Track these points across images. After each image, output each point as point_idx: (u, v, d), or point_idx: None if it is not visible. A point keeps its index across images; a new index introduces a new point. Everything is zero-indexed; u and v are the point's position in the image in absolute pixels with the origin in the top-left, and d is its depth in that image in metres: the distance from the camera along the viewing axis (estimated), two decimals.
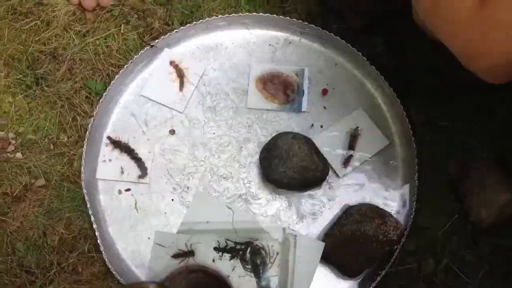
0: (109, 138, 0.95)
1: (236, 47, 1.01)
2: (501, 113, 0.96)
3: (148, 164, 0.95)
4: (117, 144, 0.95)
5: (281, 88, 0.98)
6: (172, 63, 0.99)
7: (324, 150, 0.95)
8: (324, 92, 0.99)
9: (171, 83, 0.99)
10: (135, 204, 0.93)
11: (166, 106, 0.98)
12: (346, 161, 0.95)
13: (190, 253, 0.90)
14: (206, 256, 0.90)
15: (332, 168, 0.95)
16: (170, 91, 0.98)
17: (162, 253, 0.90)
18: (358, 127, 0.96)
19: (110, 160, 0.95)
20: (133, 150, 0.95)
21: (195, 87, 0.98)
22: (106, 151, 0.95)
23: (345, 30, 1.01)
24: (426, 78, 0.98)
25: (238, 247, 0.90)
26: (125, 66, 0.98)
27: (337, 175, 0.95)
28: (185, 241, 0.90)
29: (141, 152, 0.95)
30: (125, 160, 0.95)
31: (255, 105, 0.98)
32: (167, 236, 0.91)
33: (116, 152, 0.95)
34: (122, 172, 0.94)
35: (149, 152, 0.95)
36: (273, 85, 0.98)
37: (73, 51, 0.99)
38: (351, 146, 0.96)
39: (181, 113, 0.97)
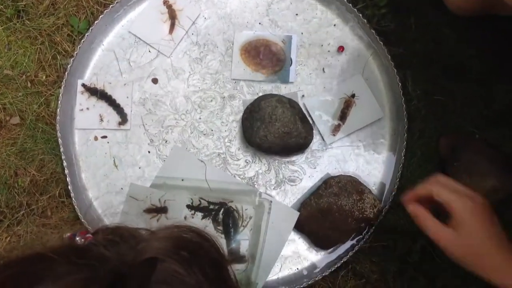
0: (83, 85, 0.91)
1: None
2: (501, 101, 0.90)
3: (127, 110, 0.91)
4: (93, 91, 0.91)
5: (267, 57, 0.92)
6: (165, 2, 0.93)
7: (315, 114, 0.91)
8: (340, 49, 0.93)
9: (162, 23, 0.93)
10: (110, 152, 0.90)
11: (153, 48, 0.92)
12: (336, 128, 0.91)
13: (163, 209, 0.88)
14: (178, 213, 0.88)
15: (320, 134, 0.91)
16: (159, 32, 0.93)
17: (135, 206, 0.88)
18: (354, 94, 0.91)
19: (87, 108, 0.91)
20: (110, 96, 0.91)
21: (186, 32, 0.93)
22: (82, 99, 0.91)
23: None
24: (429, 51, 0.92)
25: (211, 207, 0.88)
26: (111, 6, 0.92)
27: (324, 142, 0.91)
28: (159, 196, 0.88)
29: (118, 98, 0.91)
30: (102, 107, 0.91)
31: (239, 75, 0.92)
32: (141, 189, 0.88)
33: (93, 100, 0.91)
34: (102, 120, 0.91)
35: (127, 97, 0.91)
36: (258, 54, 0.92)
37: None
38: (344, 113, 0.91)
39: (167, 57, 0.92)
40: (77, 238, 0.47)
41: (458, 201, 0.68)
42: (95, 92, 0.91)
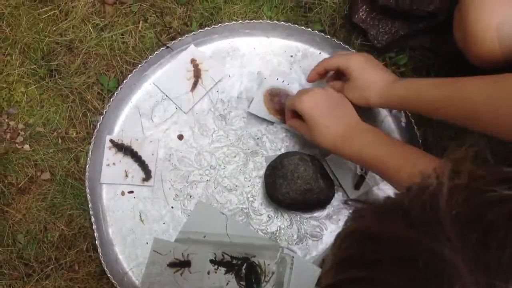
0: (111, 141, 0.94)
1: (253, 55, 0.98)
2: None
3: (151, 167, 0.94)
4: (120, 147, 0.94)
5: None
6: (193, 61, 0.97)
7: (337, 170, 0.93)
8: None
9: (186, 80, 0.97)
10: (137, 207, 0.93)
11: (171, 101, 0.96)
12: (359, 183, 0.93)
13: (186, 263, 0.89)
14: (202, 267, 0.89)
15: (342, 189, 0.93)
16: (181, 88, 0.96)
17: (159, 260, 0.90)
18: None
19: (114, 164, 0.94)
20: (136, 152, 0.94)
21: (206, 92, 0.96)
22: (109, 155, 0.94)
23: (367, 47, 0.96)
24: None
25: (234, 261, 0.90)
26: (139, 65, 0.96)
27: (348, 197, 0.93)
28: (182, 250, 0.90)
29: (144, 155, 0.94)
30: (128, 163, 0.94)
31: (257, 111, 0.95)
32: (165, 243, 0.91)
33: (120, 155, 0.94)
34: (126, 176, 0.93)
35: (152, 155, 0.94)
36: (280, 101, 0.95)
37: (89, 44, 0.98)
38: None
39: (184, 113, 0.96)
40: None
41: (350, 59, 0.83)
42: (121, 148, 0.94)
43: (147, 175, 0.94)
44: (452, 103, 0.71)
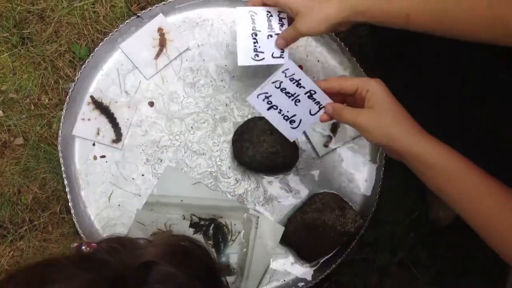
0: (92, 97, 0.98)
1: (222, 25, 1.02)
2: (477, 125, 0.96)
3: (123, 131, 0.97)
4: (98, 104, 0.98)
5: None
6: (159, 30, 1.00)
7: (308, 129, 0.98)
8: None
9: (151, 48, 1.00)
10: (109, 171, 0.96)
11: (135, 66, 0.99)
12: (328, 140, 0.98)
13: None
14: None
15: (313, 147, 0.98)
16: (145, 55, 0.99)
17: (141, 232, 0.93)
18: None
19: (89, 119, 0.97)
20: (112, 113, 0.98)
21: (169, 62, 0.99)
22: (86, 110, 0.97)
23: None
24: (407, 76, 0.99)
25: (202, 222, 0.94)
26: (110, 34, 0.99)
27: (317, 154, 0.98)
28: (164, 221, 0.93)
29: (120, 118, 0.97)
30: (103, 122, 0.97)
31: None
32: (147, 215, 0.94)
33: (96, 113, 0.97)
34: (98, 134, 0.97)
35: (127, 120, 0.97)
36: None
37: (60, 13, 1.00)
38: (335, 126, 0.98)
39: (146, 79, 0.99)
40: (83, 247, 0.53)
41: (370, 82, 0.71)
42: (99, 106, 0.97)
43: (118, 137, 0.97)
44: (426, 7, 0.69)
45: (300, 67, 1.00)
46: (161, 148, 0.98)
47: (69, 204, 0.93)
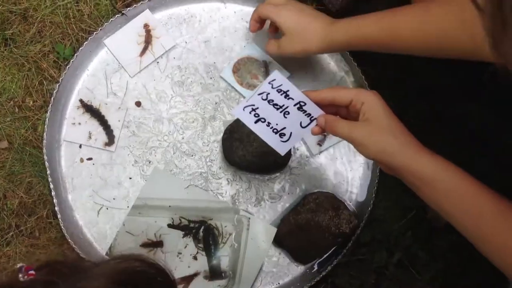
0: (81, 101, 0.95)
1: (210, 22, 0.98)
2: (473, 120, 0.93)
3: (116, 133, 0.95)
4: (88, 108, 0.95)
5: (249, 75, 0.97)
6: (145, 26, 0.97)
7: None
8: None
9: (136, 45, 0.97)
10: (96, 173, 0.94)
11: (119, 63, 0.96)
12: (322, 139, 0.94)
13: (159, 244, 0.91)
14: (174, 247, 0.91)
15: (306, 145, 0.95)
16: (130, 52, 0.96)
17: (130, 241, 0.91)
18: None
19: (79, 123, 0.95)
20: (103, 116, 0.95)
21: (154, 60, 0.96)
22: (76, 114, 0.95)
23: (322, 11, 0.97)
24: (401, 70, 0.96)
25: (191, 225, 0.91)
26: (95, 33, 0.96)
27: (311, 153, 0.95)
28: (155, 231, 0.91)
29: (111, 120, 0.95)
30: (94, 125, 0.95)
31: (227, 78, 0.96)
32: (138, 223, 0.91)
33: (86, 116, 0.95)
34: (90, 137, 0.94)
35: (119, 121, 0.95)
36: (243, 70, 0.96)
37: (43, 12, 0.97)
38: None
39: (130, 77, 0.96)
40: (20, 275, 0.47)
41: (366, 94, 0.69)
42: (89, 109, 0.95)
43: (110, 140, 0.94)
44: (389, 35, 0.73)
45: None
46: (149, 149, 0.95)
47: (56, 208, 0.91)
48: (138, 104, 0.96)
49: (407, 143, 0.66)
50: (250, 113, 0.74)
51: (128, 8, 0.97)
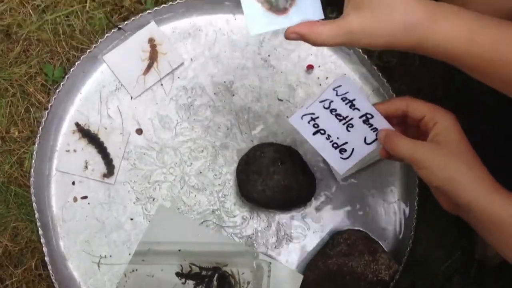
0: (77, 124, 0.83)
1: (218, 35, 0.86)
2: None
3: (116, 162, 0.83)
4: (85, 133, 0.83)
5: None
6: (151, 40, 0.85)
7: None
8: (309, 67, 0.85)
9: (140, 61, 0.85)
10: (92, 215, 0.81)
11: (120, 82, 0.84)
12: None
13: None
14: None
15: (331, 168, 0.83)
16: (132, 70, 0.84)
17: None
18: None
19: (74, 150, 0.83)
20: (102, 142, 0.83)
21: (160, 79, 0.84)
22: (71, 140, 0.83)
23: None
24: (435, 87, 0.84)
25: (204, 273, 0.79)
26: (88, 50, 0.84)
27: (336, 178, 0.83)
28: None
29: (110, 147, 0.83)
30: (91, 153, 0.83)
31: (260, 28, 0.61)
32: (150, 281, 0.79)
33: (83, 143, 0.83)
34: (86, 167, 0.82)
35: (120, 148, 0.83)
36: None
37: (29, 29, 0.85)
38: None
39: (132, 98, 0.84)
40: None
41: (442, 114, 0.58)
42: (87, 134, 0.83)
43: (110, 170, 0.82)
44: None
45: (310, 66, 0.85)
46: (153, 184, 0.82)
47: (46, 258, 0.78)
48: (139, 132, 0.84)
49: (482, 178, 0.54)
50: (308, 122, 0.65)
51: (126, 22, 0.84)
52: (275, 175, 0.77)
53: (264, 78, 0.85)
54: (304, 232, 0.82)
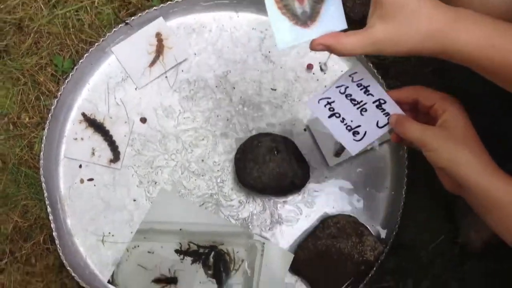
0: (83, 115, 0.88)
1: (221, 31, 0.92)
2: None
3: (121, 149, 0.88)
4: (91, 122, 0.88)
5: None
6: (158, 34, 0.90)
7: (318, 137, 0.88)
8: (309, 67, 0.91)
9: (147, 54, 0.90)
10: (97, 196, 0.86)
11: (127, 73, 0.89)
12: (339, 151, 0.87)
13: (173, 280, 0.83)
14: (189, 284, 0.83)
15: (323, 156, 0.88)
16: (139, 62, 0.90)
17: (143, 275, 0.84)
18: None
19: (82, 139, 0.88)
20: (108, 131, 0.88)
21: (165, 72, 0.90)
22: (78, 129, 0.88)
23: None
24: (429, 84, 0.89)
25: (201, 250, 0.84)
26: (96, 44, 0.89)
27: (327, 163, 0.88)
28: (169, 266, 0.83)
29: (116, 135, 0.88)
30: (98, 141, 0.88)
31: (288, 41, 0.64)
32: (151, 257, 0.84)
33: (89, 131, 0.88)
34: (93, 154, 0.87)
35: (125, 136, 0.88)
36: None
37: (40, 22, 0.90)
38: None
39: (138, 88, 0.89)
40: None
41: (451, 103, 0.62)
42: (93, 123, 0.88)
43: (116, 156, 0.87)
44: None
45: (310, 66, 0.91)
46: (155, 169, 0.88)
47: (54, 233, 0.83)
48: (143, 120, 0.89)
49: (484, 161, 0.59)
50: (325, 106, 0.68)
51: (133, 18, 0.90)
52: (270, 163, 0.82)
53: (264, 73, 0.91)
54: (297, 216, 0.87)
